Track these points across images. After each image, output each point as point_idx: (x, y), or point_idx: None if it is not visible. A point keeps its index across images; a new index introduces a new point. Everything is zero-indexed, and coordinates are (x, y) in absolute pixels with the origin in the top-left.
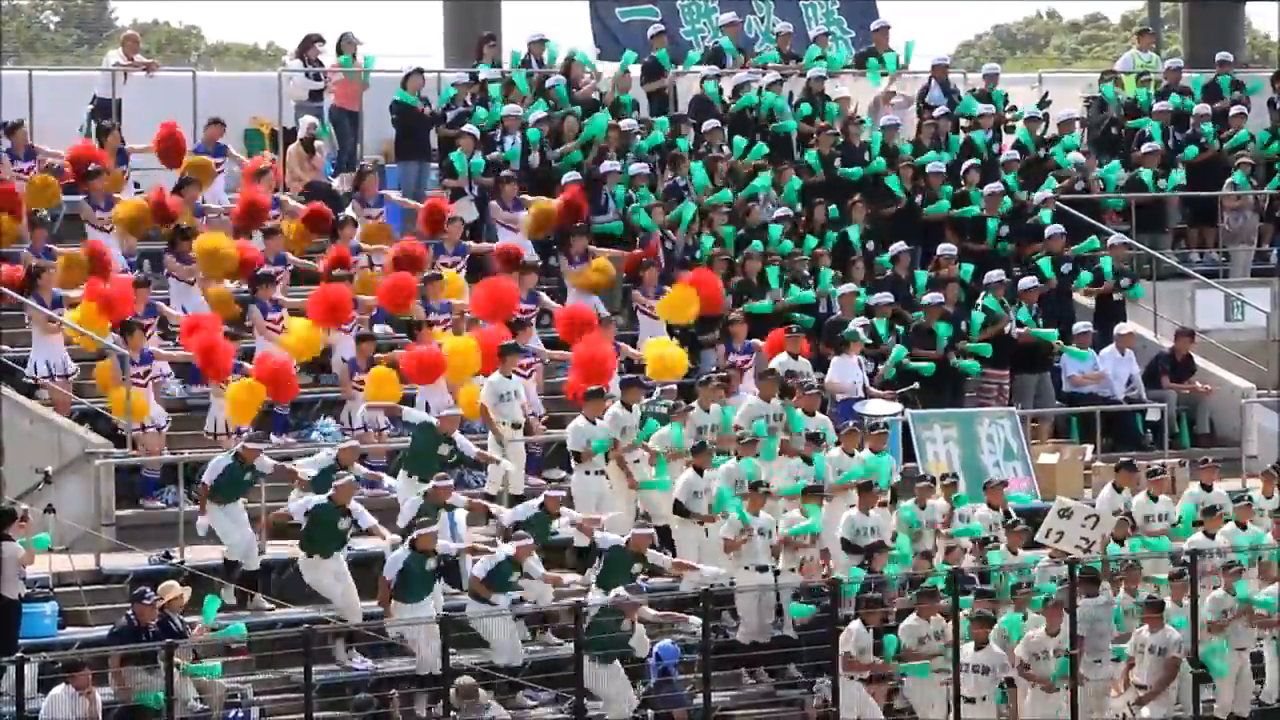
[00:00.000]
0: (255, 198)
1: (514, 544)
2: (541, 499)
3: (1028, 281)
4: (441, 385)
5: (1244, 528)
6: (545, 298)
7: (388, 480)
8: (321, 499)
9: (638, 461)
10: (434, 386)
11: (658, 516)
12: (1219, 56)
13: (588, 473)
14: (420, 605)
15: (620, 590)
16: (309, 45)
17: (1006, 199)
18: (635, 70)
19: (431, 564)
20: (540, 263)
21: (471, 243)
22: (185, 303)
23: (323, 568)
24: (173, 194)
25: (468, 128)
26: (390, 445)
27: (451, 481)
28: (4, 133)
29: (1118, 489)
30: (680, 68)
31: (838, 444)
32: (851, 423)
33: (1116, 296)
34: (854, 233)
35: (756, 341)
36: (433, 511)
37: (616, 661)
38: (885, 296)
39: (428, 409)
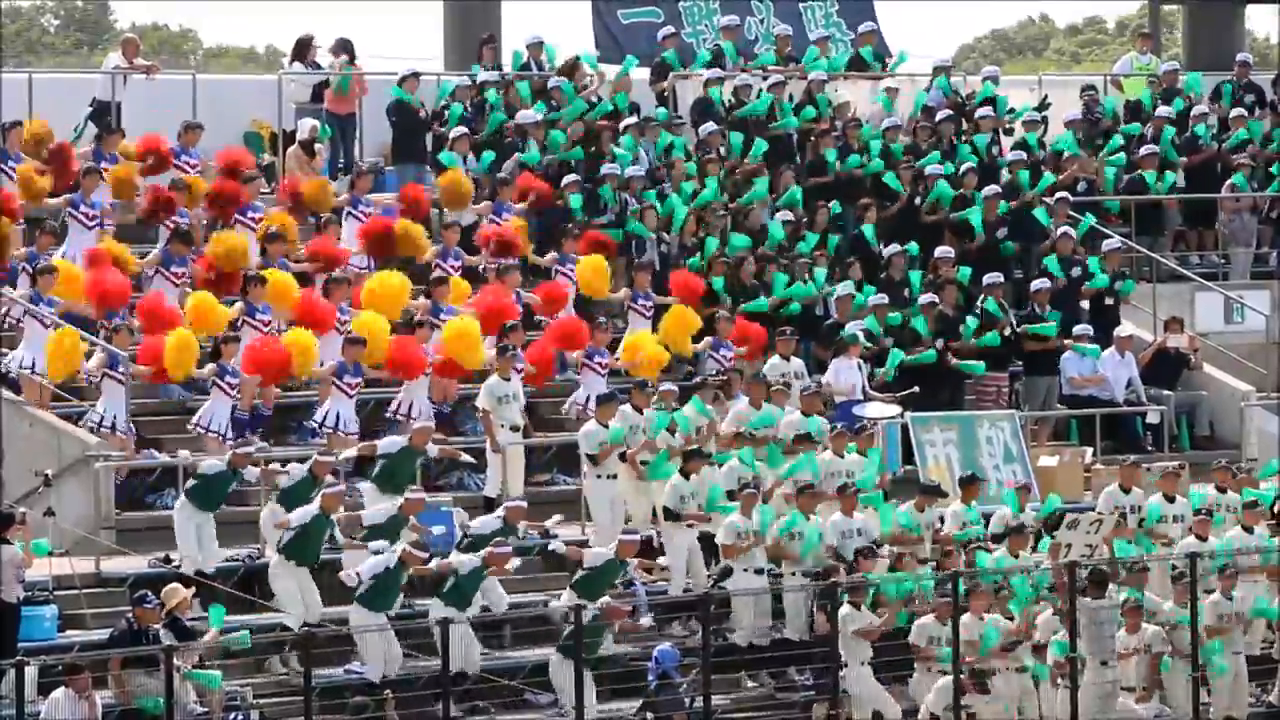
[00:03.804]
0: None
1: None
2: (503, 511)
3: (1040, 283)
4: (424, 383)
5: (1250, 530)
6: (527, 295)
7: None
8: (314, 510)
9: (645, 463)
10: (417, 384)
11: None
12: (1240, 57)
13: (600, 476)
14: (381, 615)
15: (607, 599)
16: (305, 46)
17: (1004, 203)
18: (637, 73)
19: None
20: (521, 265)
21: (463, 250)
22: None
23: (294, 574)
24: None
25: (460, 129)
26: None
27: (424, 495)
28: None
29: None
30: (686, 70)
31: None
32: (840, 424)
33: (1109, 300)
34: (869, 231)
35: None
36: (403, 524)
37: (587, 670)
38: (881, 299)
39: (409, 411)
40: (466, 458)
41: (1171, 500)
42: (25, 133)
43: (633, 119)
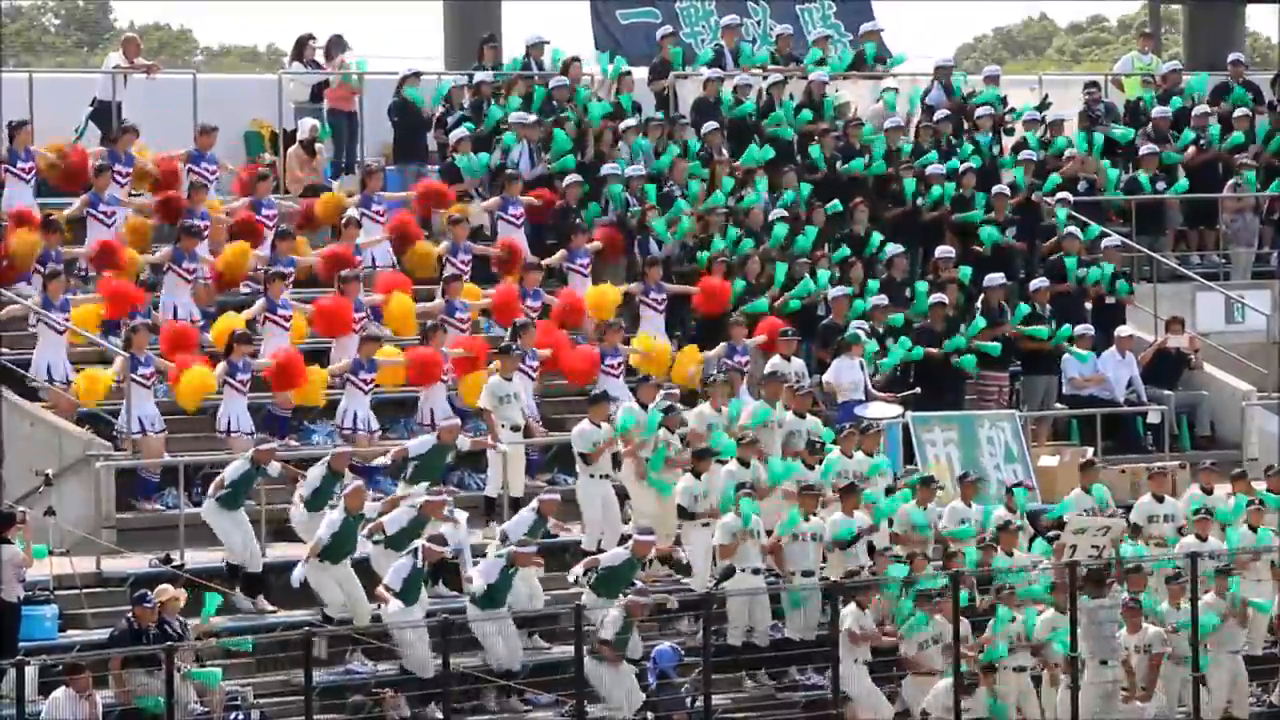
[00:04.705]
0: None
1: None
2: (536, 504)
3: (1039, 282)
4: (442, 389)
5: (1255, 530)
6: (547, 296)
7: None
8: (340, 516)
9: (647, 459)
10: (435, 390)
11: (650, 518)
12: (1231, 57)
13: (592, 476)
14: (414, 609)
15: (630, 595)
16: (304, 45)
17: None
18: (637, 72)
19: (427, 570)
20: (541, 262)
21: (474, 244)
22: (179, 302)
23: (330, 572)
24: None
25: (461, 131)
26: (384, 447)
27: (444, 497)
28: (8, 132)
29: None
30: (686, 69)
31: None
32: (848, 425)
33: (1110, 300)
34: (875, 237)
35: (755, 341)
36: (425, 524)
37: (625, 663)
38: (881, 299)
39: (431, 416)
40: (503, 447)
41: (1160, 500)
42: (41, 162)
43: (632, 120)
